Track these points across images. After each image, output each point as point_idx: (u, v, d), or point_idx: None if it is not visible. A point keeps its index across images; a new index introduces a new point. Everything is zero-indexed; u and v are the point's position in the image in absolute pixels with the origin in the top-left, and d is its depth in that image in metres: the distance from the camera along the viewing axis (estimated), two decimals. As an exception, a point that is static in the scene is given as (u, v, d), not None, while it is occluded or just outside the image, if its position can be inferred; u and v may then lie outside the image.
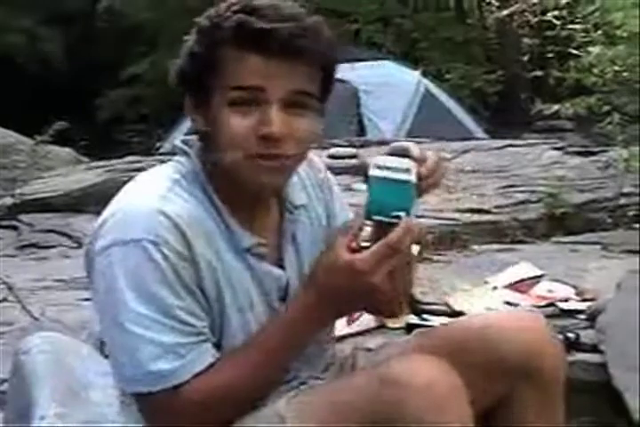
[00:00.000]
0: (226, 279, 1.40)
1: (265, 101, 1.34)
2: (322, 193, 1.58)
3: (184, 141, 1.47)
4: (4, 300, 3.85)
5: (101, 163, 7.45)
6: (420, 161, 1.36)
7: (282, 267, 1.48)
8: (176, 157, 1.46)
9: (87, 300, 3.90)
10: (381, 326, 2.73)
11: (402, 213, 1.30)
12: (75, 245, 5.43)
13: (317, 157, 1.61)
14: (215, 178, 1.42)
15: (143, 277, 1.32)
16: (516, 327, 1.50)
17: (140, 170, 1.45)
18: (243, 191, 1.41)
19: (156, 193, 1.38)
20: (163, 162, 1.51)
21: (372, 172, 1.32)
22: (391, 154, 1.37)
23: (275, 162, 1.37)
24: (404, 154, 1.37)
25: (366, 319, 2.68)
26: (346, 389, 1.33)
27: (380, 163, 1.33)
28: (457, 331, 1.54)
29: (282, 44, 1.32)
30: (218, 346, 1.40)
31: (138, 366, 1.33)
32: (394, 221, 1.30)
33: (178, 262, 1.34)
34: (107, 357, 2.70)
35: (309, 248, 1.52)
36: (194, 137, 1.46)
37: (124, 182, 1.45)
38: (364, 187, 1.35)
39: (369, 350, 1.66)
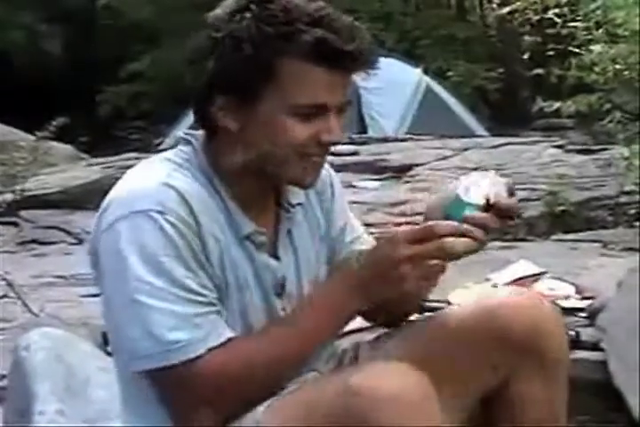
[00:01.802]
0: (228, 259, 1.40)
1: (325, 111, 1.38)
2: (322, 192, 1.58)
3: (187, 133, 1.48)
4: (4, 296, 3.85)
5: (102, 159, 7.46)
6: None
7: (277, 259, 1.48)
8: (178, 147, 1.47)
9: (87, 296, 3.91)
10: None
11: None
12: (75, 241, 5.42)
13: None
14: (225, 171, 1.42)
15: (152, 248, 1.31)
16: (522, 306, 1.51)
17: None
18: (255, 186, 1.44)
19: (160, 171, 1.39)
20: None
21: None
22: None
23: (323, 164, 1.45)
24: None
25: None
26: (315, 397, 1.31)
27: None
28: (463, 313, 1.56)
29: (355, 62, 1.37)
30: None
31: (152, 339, 1.30)
32: None
33: (187, 233, 1.33)
34: (109, 354, 2.71)
35: (305, 246, 1.52)
36: (199, 132, 1.46)
37: (125, 179, 1.45)
38: (366, 184, 1.36)
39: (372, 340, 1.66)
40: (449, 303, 2.81)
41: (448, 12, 14.88)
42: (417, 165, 5.88)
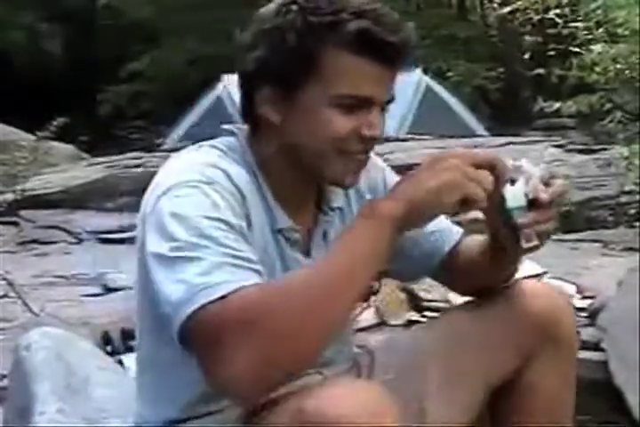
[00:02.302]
0: (261, 247, 1.36)
1: (369, 105, 1.37)
2: (370, 192, 1.55)
3: (232, 126, 1.48)
4: (5, 296, 3.86)
5: (102, 159, 7.46)
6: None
7: (309, 257, 1.46)
8: (222, 137, 1.46)
9: (88, 296, 3.92)
10: (382, 323, 2.73)
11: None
12: (75, 241, 5.44)
13: (379, 159, 1.59)
14: (266, 164, 1.42)
15: (194, 210, 1.27)
16: (539, 294, 1.55)
17: (140, 166, 1.44)
18: (295, 182, 1.42)
19: (206, 155, 1.38)
20: (165, 158, 1.49)
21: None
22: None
23: (365, 163, 1.42)
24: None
25: (367, 315, 2.68)
26: (275, 421, 1.27)
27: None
28: (481, 301, 1.57)
29: (401, 55, 1.36)
30: None
31: (184, 285, 1.23)
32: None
33: (231, 200, 1.31)
34: (109, 353, 2.70)
35: None
36: (244, 126, 1.46)
37: (125, 178, 1.45)
38: None
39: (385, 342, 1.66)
40: (449, 303, 2.82)
41: (449, 12, 14.90)
42: (418, 165, 5.87)
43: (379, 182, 1.57)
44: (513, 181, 1.35)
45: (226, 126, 1.48)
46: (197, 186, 1.30)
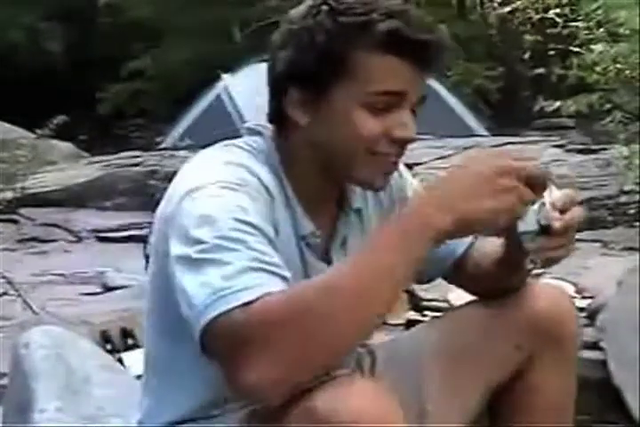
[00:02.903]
0: (285, 253, 1.32)
1: (400, 105, 1.35)
2: (383, 198, 1.54)
3: (257, 124, 1.46)
4: (4, 294, 3.86)
5: (102, 158, 7.46)
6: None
7: (328, 264, 1.44)
8: (246, 137, 1.44)
9: (87, 295, 3.92)
10: (381, 323, 2.73)
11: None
12: (75, 239, 5.44)
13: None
14: (291, 165, 1.40)
15: (221, 210, 1.24)
16: (547, 296, 1.55)
17: (139, 165, 1.43)
18: (320, 186, 1.41)
19: (234, 155, 1.36)
20: (164, 157, 1.48)
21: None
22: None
23: (396, 166, 1.40)
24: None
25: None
26: (283, 419, 1.24)
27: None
28: (483, 300, 1.58)
29: (432, 55, 1.35)
30: None
31: (208, 287, 1.19)
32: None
33: (262, 208, 1.29)
34: (108, 352, 2.70)
35: (357, 250, 1.44)
36: (269, 125, 1.44)
37: (124, 177, 1.43)
38: None
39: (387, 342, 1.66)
40: (448, 303, 2.82)
41: (448, 11, 14.86)
42: (417, 164, 5.88)
43: (396, 184, 1.54)
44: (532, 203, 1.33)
45: (251, 125, 1.46)
46: (227, 186, 1.27)
